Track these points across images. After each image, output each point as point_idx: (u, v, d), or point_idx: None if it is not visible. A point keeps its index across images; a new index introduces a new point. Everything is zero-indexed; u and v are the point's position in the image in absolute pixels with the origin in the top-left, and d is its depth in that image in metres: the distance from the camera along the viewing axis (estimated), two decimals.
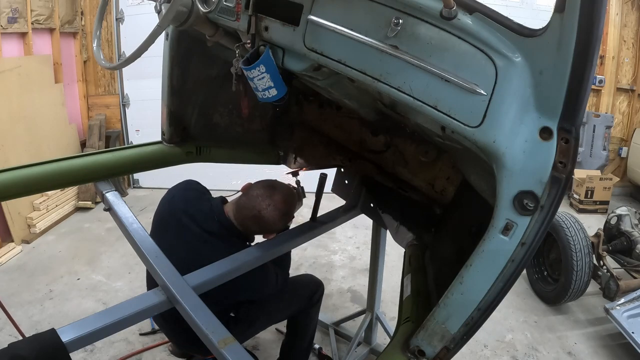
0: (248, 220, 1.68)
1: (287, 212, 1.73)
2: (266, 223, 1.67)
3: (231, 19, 1.28)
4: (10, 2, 3.69)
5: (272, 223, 1.68)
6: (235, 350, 1.19)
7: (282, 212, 1.69)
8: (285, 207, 1.70)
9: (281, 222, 1.72)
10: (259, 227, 1.70)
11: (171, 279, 1.40)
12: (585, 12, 0.76)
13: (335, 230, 3.80)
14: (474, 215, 1.32)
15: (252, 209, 1.66)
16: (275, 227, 1.71)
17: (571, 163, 0.84)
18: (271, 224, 1.68)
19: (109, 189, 1.81)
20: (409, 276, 1.42)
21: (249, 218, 1.67)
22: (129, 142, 5.09)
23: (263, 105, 2.02)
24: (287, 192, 1.75)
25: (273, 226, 1.70)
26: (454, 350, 1.01)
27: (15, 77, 3.80)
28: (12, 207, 3.67)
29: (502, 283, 0.93)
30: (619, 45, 5.04)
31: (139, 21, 4.64)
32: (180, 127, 1.94)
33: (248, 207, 1.67)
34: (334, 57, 1.05)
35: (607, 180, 4.85)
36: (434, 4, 0.91)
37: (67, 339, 1.15)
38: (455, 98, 0.90)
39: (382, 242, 2.35)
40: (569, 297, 2.93)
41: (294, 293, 2.00)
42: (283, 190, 1.74)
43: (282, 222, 1.72)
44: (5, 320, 2.56)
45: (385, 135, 1.91)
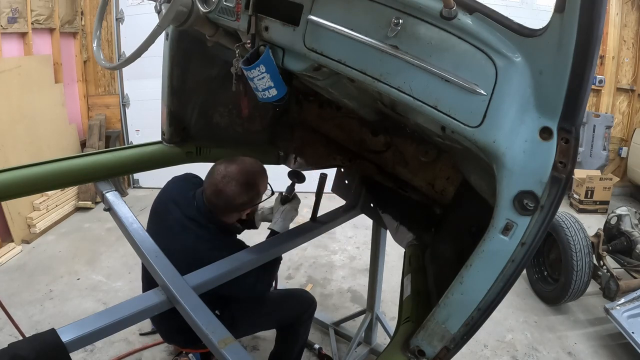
0: (213, 198, 1.66)
1: (248, 183, 1.66)
2: (228, 196, 1.64)
3: (231, 19, 1.28)
4: (10, 2, 3.69)
5: (234, 196, 1.64)
6: (236, 350, 1.19)
7: (241, 182, 1.64)
8: (244, 177, 1.65)
9: (245, 195, 1.65)
10: (224, 203, 1.65)
11: (171, 279, 1.40)
12: (585, 12, 0.76)
13: (335, 230, 3.80)
14: (474, 215, 1.32)
15: (211, 186, 1.66)
16: (240, 199, 1.65)
17: (571, 163, 0.84)
18: (233, 197, 1.64)
19: (109, 189, 1.81)
20: (409, 276, 1.42)
21: (212, 195, 1.66)
22: (129, 142, 5.08)
23: (263, 105, 2.02)
24: (247, 163, 1.70)
25: (238, 199, 1.65)
26: (454, 350, 1.01)
27: (15, 77, 3.79)
28: (12, 207, 3.67)
29: (502, 283, 0.93)
30: (619, 45, 5.04)
31: (139, 21, 4.63)
32: (180, 127, 1.94)
33: (209, 184, 1.67)
34: (334, 57, 1.05)
35: (607, 180, 4.85)
36: (434, 4, 0.91)
37: (67, 339, 1.15)
38: (455, 98, 0.90)
39: (382, 242, 2.35)
40: (569, 297, 2.93)
41: (282, 307, 1.96)
42: (242, 162, 1.70)
43: (246, 194, 1.66)
44: (5, 320, 2.56)
45: (385, 135, 1.91)
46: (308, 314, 2.02)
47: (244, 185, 1.66)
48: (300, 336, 2.04)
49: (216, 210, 1.69)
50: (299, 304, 2.01)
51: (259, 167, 1.74)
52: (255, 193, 1.71)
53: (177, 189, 1.80)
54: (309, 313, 2.02)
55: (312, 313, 2.04)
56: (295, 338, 2.03)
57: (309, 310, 2.02)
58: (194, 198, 1.72)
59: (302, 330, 2.02)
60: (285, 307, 1.98)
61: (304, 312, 2.00)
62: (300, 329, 2.01)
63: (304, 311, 2.00)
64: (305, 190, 2.02)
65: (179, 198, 1.73)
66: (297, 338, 2.03)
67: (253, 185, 1.69)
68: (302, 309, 2.00)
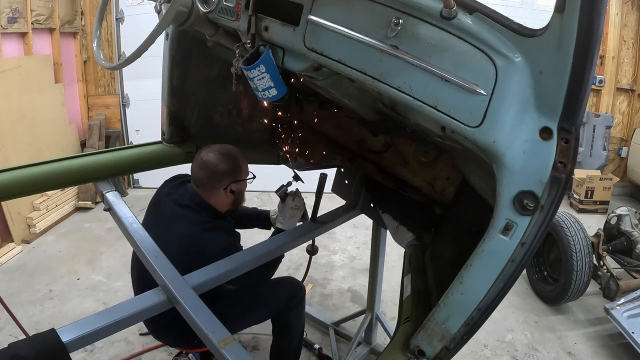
0: (198, 173, 1.75)
1: (228, 153, 1.77)
2: (210, 164, 1.73)
3: (231, 19, 1.28)
4: (10, 2, 3.69)
5: (217, 162, 1.73)
6: (236, 350, 1.19)
7: (222, 152, 1.75)
8: (224, 149, 1.77)
9: (227, 163, 1.74)
10: (208, 173, 1.74)
11: (171, 279, 1.40)
12: (585, 12, 0.76)
13: (335, 230, 3.80)
14: (474, 215, 1.32)
15: (196, 163, 1.76)
16: (220, 167, 1.73)
17: (571, 163, 0.84)
18: (215, 164, 1.73)
19: (109, 189, 1.81)
20: (409, 276, 1.42)
21: (197, 169, 1.75)
22: (129, 142, 5.09)
23: (263, 105, 2.02)
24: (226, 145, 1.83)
25: (220, 166, 1.73)
26: (454, 350, 1.01)
27: (15, 77, 3.80)
28: (12, 207, 3.67)
29: (502, 283, 0.93)
30: (619, 45, 5.04)
31: (139, 21, 4.64)
32: (180, 127, 1.94)
33: (194, 164, 1.77)
34: (334, 57, 1.05)
35: (607, 180, 4.85)
36: (434, 4, 0.91)
37: (67, 339, 1.15)
38: (455, 98, 0.90)
39: (382, 242, 2.35)
40: (569, 297, 2.93)
41: (271, 294, 1.97)
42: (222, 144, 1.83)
43: (227, 162, 1.75)
44: (5, 320, 2.56)
45: (385, 135, 1.91)
46: (297, 298, 2.02)
47: (224, 154, 1.76)
48: (293, 322, 2.04)
49: (203, 188, 1.76)
50: (287, 289, 2.02)
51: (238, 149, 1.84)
52: (237, 165, 1.79)
53: (170, 185, 1.88)
54: (298, 297, 2.03)
55: (301, 297, 2.05)
56: (288, 324, 2.04)
57: (298, 295, 2.03)
58: (186, 190, 1.79)
59: (293, 315, 2.02)
60: (273, 294, 1.98)
61: (293, 296, 2.00)
62: (291, 315, 2.01)
63: (293, 296, 2.01)
64: (305, 190, 2.02)
65: (172, 191, 1.81)
66: (290, 324, 2.04)
67: (233, 156, 1.78)
68: (290, 294, 2.00)
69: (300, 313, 2.07)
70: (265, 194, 4.88)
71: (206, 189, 1.75)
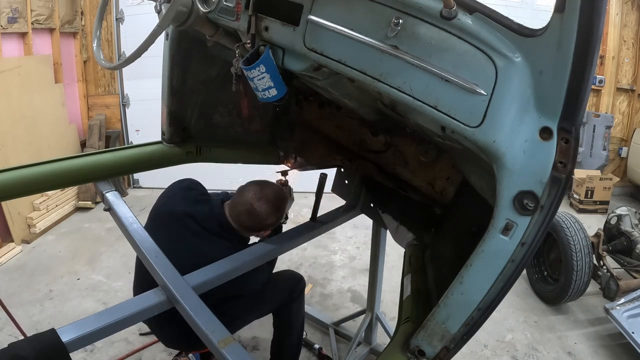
0: (242, 216, 1.72)
1: (279, 206, 1.77)
2: (258, 216, 1.71)
3: (231, 19, 1.28)
4: (10, 2, 3.69)
5: (265, 216, 1.72)
6: (236, 350, 1.19)
7: (274, 204, 1.74)
8: (277, 201, 1.76)
9: (274, 216, 1.75)
10: (252, 222, 1.73)
11: (171, 279, 1.40)
12: (585, 12, 0.76)
13: (335, 230, 3.80)
14: (474, 215, 1.32)
15: (245, 204, 1.72)
16: (268, 221, 1.74)
17: (571, 163, 0.84)
18: (264, 217, 1.72)
19: (109, 189, 1.81)
20: (409, 276, 1.42)
21: (243, 213, 1.72)
22: (129, 142, 5.08)
23: (263, 105, 2.02)
24: (278, 187, 1.84)
25: (266, 220, 1.73)
26: (454, 350, 1.01)
27: (15, 77, 3.80)
28: (12, 207, 3.67)
29: (502, 283, 0.93)
30: (619, 45, 5.04)
31: (139, 21, 4.63)
32: (180, 127, 1.94)
33: (241, 202, 1.73)
34: (334, 57, 1.05)
35: (607, 180, 4.85)
36: (434, 4, 0.90)
37: (67, 339, 1.15)
38: (455, 98, 0.90)
39: (382, 242, 2.35)
40: (569, 297, 2.93)
41: (274, 288, 1.99)
42: (273, 185, 1.83)
43: (274, 216, 1.76)
44: (5, 320, 2.56)
45: (385, 135, 1.91)
46: (298, 289, 2.04)
47: (276, 207, 1.76)
48: (294, 314, 2.06)
49: (243, 228, 1.75)
50: (289, 281, 2.04)
51: (285, 194, 1.87)
52: (280, 215, 1.81)
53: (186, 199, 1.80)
54: (299, 290, 2.04)
55: (302, 289, 2.07)
56: (289, 317, 2.05)
57: (299, 287, 2.05)
58: (211, 210, 1.74)
59: (294, 307, 2.04)
60: (277, 287, 2.00)
61: (293, 289, 2.02)
62: (292, 307, 2.03)
63: (293, 288, 2.02)
64: (305, 190, 2.02)
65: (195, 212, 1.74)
66: (291, 317, 2.05)
67: (282, 209, 1.81)
68: (292, 286, 2.02)
69: (300, 305, 2.09)
70: None
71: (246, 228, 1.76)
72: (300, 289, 2.06)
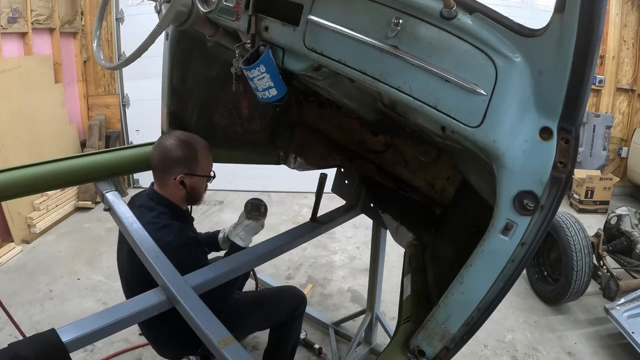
0: (153, 154, 1.67)
1: (186, 141, 1.67)
2: (164, 148, 1.65)
3: (231, 19, 1.28)
4: (10, 2, 3.69)
5: (172, 148, 1.64)
6: (236, 350, 1.19)
7: (180, 138, 1.66)
8: (184, 136, 1.68)
9: (182, 149, 1.64)
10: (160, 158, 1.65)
11: (171, 279, 1.40)
12: (585, 12, 0.76)
13: (335, 230, 3.80)
14: (474, 216, 1.32)
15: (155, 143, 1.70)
16: (176, 153, 1.64)
17: (571, 163, 0.84)
18: (170, 149, 1.64)
19: (109, 189, 1.81)
20: (409, 276, 1.42)
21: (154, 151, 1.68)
22: (129, 142, 5.08)
23: (263, 105, 2.02)
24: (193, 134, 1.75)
25: (172, 152, 1.64)
26: (454, 350, 1.01)
27: (15, 77, 3.79)
28: (12, 207, 3.67)
29: (502, 283, 0.93)
30: (619, 45, 5.04)
31: (139, 21, 4.63)
32: (180, 127, 1.94)
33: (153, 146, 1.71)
34: (334, 57, 1.05)
35: (607, 180, 4.85)
36: (434, 4, 0.90)
37: (67, 339, 1.15)
38: (455, 98, 0.90)
39: (382, 242, 2.35)
40: (569, 297, 2.93)
41: (275, 306, 1.97)
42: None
43: (183, 150, 1.65)
44: (5, 320, 2.56)
45: (385, 135, 1.91)
46: (299, 310, 2.03)
47: (183, 141, 1.66)
48: (293, 332, 2.05)
49: (156, 173, 1.69)
50: (290, 303, 2.01)
51: (204, 141, 1.74)
52: (193, 156, 1.67)
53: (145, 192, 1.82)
54: (301, 309, 2.03)
55: (303, 309, 2.06)
56: (288, 335, 2.04)
57: (301, 307, 2.03)
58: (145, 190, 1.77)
59: (295, 326, 2.03)
60: (279, 305, 1.99)
61: (296, 309, 2.00)
62: (293, 325, 2.02)
63: (296, 308, 2.01)
64: (305, 190, 2.02)
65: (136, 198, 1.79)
66: (289, 335, 2.04)
67: (191, 146, 1.67)
68: (293, 307, 2.00)
69: (299, 323, 2.08)
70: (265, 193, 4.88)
71: (157, 174, 1.69)
72: (302, 309, 2.04)
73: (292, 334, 2.04)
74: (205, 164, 1.73)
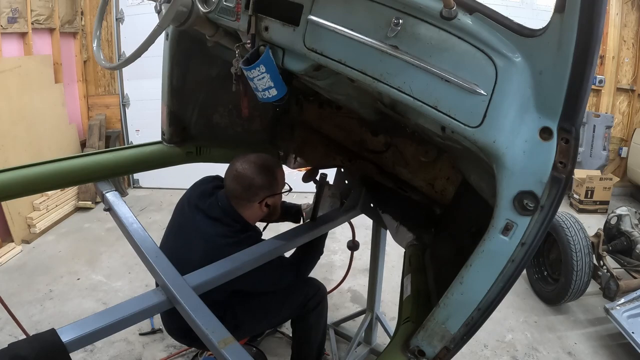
0: (232, 185, 1.70)
1: (264, 165, 1.72)
2: (247, 177, 1.69)
3: (231, 19, 1.28)
4: (10, 2, 3.69)
5: (253, 176, 1.69)
6: (236, 350, 1.19)
7: (258, 164, 1.71)
8: (260, 160, 1.73)
9: (261, 177, 1.70)
10: (241, 186, 1.70)
11: (171, 279, 1.40)
12: (585, 12, 0.76)
13: (335, 230, 3.77)
14: (473, 216, 1.32)
15: (231, 173, 1.72)
16: (256, 181, 1.69)
17: (571, 163, 0.84)
18: (252, 177, 1.69)
19: (109, 189, 1.81)
20: (409, 276, 1.42)
21: (232, 181, 1.71)
22: (129, 142, 5.08)
23: (263, 105, 2.01)
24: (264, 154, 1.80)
25: (257, 180, 1.69)
26: (454, 351, 1.01)
27: (15, 77, 3.79)
28: (12, 207, 3.66)
29: (502, 283, 0.93)
30: (619, 45, 5.04)
31: (139, 21, 4.63)
32: (180, 127, 1.94)
33: (229, 173, 1.73)
34: (334, 57, 1.05)
35: (607, 180, 4.85)
36: (434, 4, 0.90)
37: (67, 339, 1.15)
38: (455, 98, 0.90)
39: (382, 242, 2.35)
40: (569, 297, 2.93)
41: (285, 298, 1.91)
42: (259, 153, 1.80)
43: (263, 177, 1.70)
44: (5, 320, 2.56)
45: (385, 135, 1.91)
46: (315, 300, 1.95)
47: (261, 167, 1.72)
48: (313, 327, 1.97)
49: (237, 200, 1.72)
50: (303, 291, 1.95)
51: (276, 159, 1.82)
52: (273, 178, 1.75)
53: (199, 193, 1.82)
54: (316, 299, 1.95)
55: (319, 300, 1.97)
56: (306, 328, 1.97)
57: (316, 296, 1.95)
58: (216, 199, 1.74)
59: (312, 319, 1.95)
60: (287, 299, 1.92)
61: (309, 299, 1.94)
62: (310, 319, 1.95)
63: (309, 298, 1.94)
64: (305, 190, 2.01)
65: (201, 203, 1.76)
66: (308, 328, 1.97)
67: (270, 169, 1.74)
68: (306, 296, 1.94)
69: (319, 317, 1.99)
70: None
71: (240, 201, 1.72)
72: (317, 299, 1.95)
73: (310, 328, 1.97)
74: (283, 181, 1.81)
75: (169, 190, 4.85)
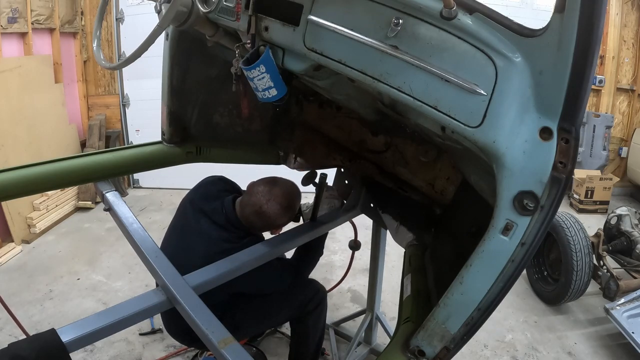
0: (251, 217, 1.72)
1: (289, 206, 1.76)
2: (268, 217, 1.71)
3: (231, 19, 1.28)
4: (10, 2, 3.69)
5: (275, 217, 1.72)
6: (236, 350, 1.19)
7: (283, 205, 1.73)
8: (286, 201, 1.74)
9: (285, 216, 1.75)
10: (262, 223, 1.74)
11: (171, 279, 1.40)
12: (585, 12, 0.76)
13: (335, 230, 3.77)
14: (474, 216, 1.32)
15: (253, 206, 1.72)
16: (280, 221, 1.75)
17: (571, 163, 0.84)
18: (274, 219, 1.72)
19: (109, 189, 1.81)
20: (409, 276, 1.42)
21: (252, 214, 1.72)
22: (129, 142, 5.08)
23: (263, 105, 2.01)
24: (288, 186, 1.80)
25: (276, 220, 1.74)
26: (454, 351, 1.01)
27: (15, 77, 3.79)
28: (12, 207, 3.66)
29: (502, 283, 0.93)
30: (619, 45, 5.04)
31: (139, 21, 4.63)
32: (180, 127, 1.94)
33: (250, 204, 1.73)
34: (334, 57, 1.05)
35: (607, 180, 4.85)
36: (434, 4, 0.90)
37: (67, 339, 1.15)
38: (455, 98, 0.90)
39: (382, 242, 2.35)
40: (569, 297, 2.93)
41: (285, 300, 1.91)
42: (283, 184, 1.79)
43: (286, 215, 1.75)
44: (5, 320, 2.56)
45: (385, 135, 1.91)
46: (314, 302, 1.94)
47: (286, 208, 1.75)
48: (311, 328, 1.97)
49: (253, 228, 1.76)
50: (303, 293, 1.94)
51: (298, 190, 1.84)
52: (292, 214, 1.81)
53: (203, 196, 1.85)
54: (315, 301, 1.95)
55: (319, 302, 1.97)
56: (305, 330, 1.97)
57: (315, 298, 1.95)
58: (222, 205, 1.76)
59: (310, 321, 1.95)
60: (289, 299, 1.92)
61: (309, 300, 1.93)
62: (308, 320, 1.95)
63: (310, 299, 1.93)
64: (305, 190, 2.02)
65: (205, 206, 1.78)
66: (307, 331, 1.97)
67: (293, 208, 1.80)
68: (306, 298, 1.93)
69: (318, 318, 1.99)
70: None
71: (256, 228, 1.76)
72: (316, 300, 1.95)
73: (310, 330, 1.97)
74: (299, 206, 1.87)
75: (169, 190, 4.86)
